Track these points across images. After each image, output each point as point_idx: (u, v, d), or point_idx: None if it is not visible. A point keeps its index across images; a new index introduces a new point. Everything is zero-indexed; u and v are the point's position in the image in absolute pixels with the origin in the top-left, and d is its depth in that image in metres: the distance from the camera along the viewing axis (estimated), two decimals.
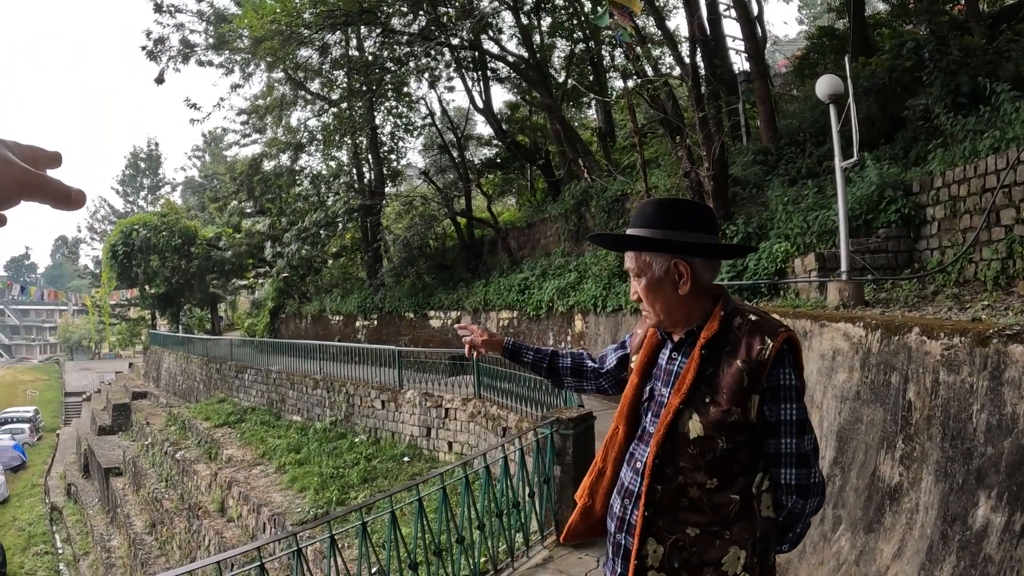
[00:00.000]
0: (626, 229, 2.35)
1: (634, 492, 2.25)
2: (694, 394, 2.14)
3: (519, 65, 21.00)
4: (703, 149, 11.93)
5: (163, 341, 38.82)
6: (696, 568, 2.12)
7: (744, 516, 2.15)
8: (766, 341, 2.10)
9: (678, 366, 2.25)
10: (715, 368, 2.14)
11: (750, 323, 2.17)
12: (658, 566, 2.13)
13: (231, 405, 23.17)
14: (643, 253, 2.25)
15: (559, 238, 18.88)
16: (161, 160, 78.03)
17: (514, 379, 11.80)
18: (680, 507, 2.15)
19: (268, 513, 13.12)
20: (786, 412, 2.14)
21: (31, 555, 26.59)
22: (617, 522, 2.30)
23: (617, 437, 2.42)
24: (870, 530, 4.46)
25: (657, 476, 2.16)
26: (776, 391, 2.12)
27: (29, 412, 53.56)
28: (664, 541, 2.14)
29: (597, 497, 2.47)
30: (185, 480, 18.96)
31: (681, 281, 2.22)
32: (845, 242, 7.72)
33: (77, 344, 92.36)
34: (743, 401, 2.10)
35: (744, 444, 2.16)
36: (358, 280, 29.76)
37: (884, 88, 11.50)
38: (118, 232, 38.69)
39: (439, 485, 5.00)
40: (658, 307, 2.25)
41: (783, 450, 2.17)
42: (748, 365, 2.09)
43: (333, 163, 29.50)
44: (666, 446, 2.16)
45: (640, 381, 2.39)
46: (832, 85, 7.87)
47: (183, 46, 26.20)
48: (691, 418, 2.13)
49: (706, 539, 2.12)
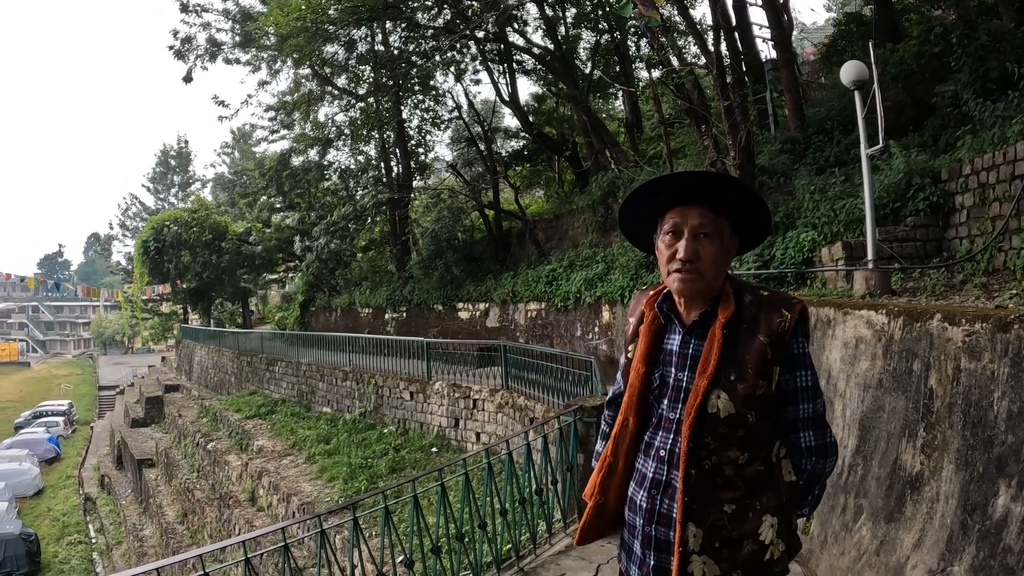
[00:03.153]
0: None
1: (661, 481, 2.24)
2: (719, 374, 2.15)
3: (544, 57, 20.96)
4: (729, 138, 11.87)
5: (195, 335, 39.29)
6: (736, 543, 2.15)
7: (771, 484, 2.21)
8: (784, 313, 2.17)
9: (694, 349, 2.24)
10: (735, 346, 2.17)
11: (762, 298, 2.23)
12: (699, 550, 2.14)
13: (262, 397, 23.47)
14: (722, 216, 2.25)
15: (587, 229, 18.86)
16: (191, 157, 79.06)
17: (542, 370, 11.82)
18: (716, 487, 2.16)
19: (298, 502, 13.26)
20: (802, 379, 2.22)
21: (65, 544, 27.09)
22: (645, 514, 2.28)
23: (628, 429, 2.39)
24: (891, 520, 4.43)
25: (691, 461, 2.16)
26: (793, 360, 2.20)
27: (63, 405, 54.52)
28: (703, 524, 2.15)
29: (610, 493, 2.44)
30: (216, 470, 19.21)
31: (731, 256, 2.32)
32: (872, 231, 7.65)
33: (110, 339, 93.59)
34: (768, 374, 2.16)
35: (767, 415, 2.21)
36: (387, 273, 29.88)
37: (912, 74, 11.38)
38: (150, 228, 39.25)
39: (462, 471, 5.05)
40: (714, 273, 2.23)
41: (801, 415, 2.25)
42: (770, 339, 2.15)
43: (361, 158, 29.68)
44: (697, 429, 2.16)
45: (647, 369, 2.35)
46: (857, 71, 7.79)
47: (210, 45, 26.42)
48: (719, 398, 2.14)
49: (742, 513, 2.16)
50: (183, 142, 79.19)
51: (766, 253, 10.46)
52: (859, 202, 9.21)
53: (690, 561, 2.14)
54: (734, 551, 2.15)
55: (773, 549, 2.18)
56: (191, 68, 26.33)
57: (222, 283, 39.22)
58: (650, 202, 2.36)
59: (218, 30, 26.53)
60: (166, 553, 19.45)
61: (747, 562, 2.16)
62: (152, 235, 38.27)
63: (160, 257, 37.95)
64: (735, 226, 2.30)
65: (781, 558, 2.21)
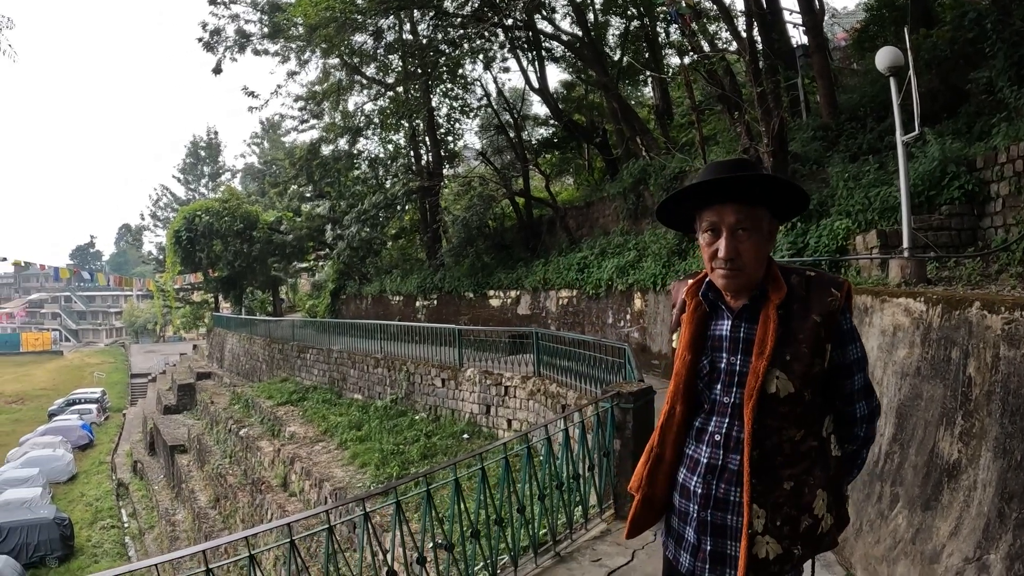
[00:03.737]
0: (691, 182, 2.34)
1: (717, 466, 2.27)
2: (777, 354, 2.18)
3: (573, 44, 20.92)
4: (762, 125, 11.81)
5: (226, 323, 39.69)
6: (795, 519, 2.20)
7: (822, 459, 2.29)
8: (834, 292, 2.24)
9: (746, 332, 2.28)
10: (789, 326, 2.21)
11: (809, 279, 2.28)
12: (762, 530, 2.17)
13: (293, 384, 23.67)
14: (759, 207, 2.26)
15: (617, 217, 18.85)
16: (221, 148, 79.52)
17: (574, 357, 11.80)
18: (777, 466, 2.21)
19: (330, 488, 13.37)
20: (852, 352, 2.29)
21: (98, 529, 27.45)
22: (700, 500, 2.29)
23: (675, 417, 2.40)
24: (927, 508, 4.41)
25: (755, 442, 2.19)
26: (843, 335, 2.27)
27: (96, 393, 55.26)
28: (765, 504, 2.18)
29: (658, 484, 2.45)
30: (248, 456, 19.40)
31: (772, 241, 2.34)
32: (907, 219, 7.60)
33: (142, 328, 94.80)
34: (822, 352, 2.21)
35: (820, 391, 2.27)
36: (417, 261, 30.03)
37: (945, 61, 11.25)
38: (181, 218, 39.57)
39: (502, 455, 5.11)
40: (756, 268, 2.26)
41: (855, 387, 2.33)
42: (823, 317, 2.21)
43: (390, 146, 29.77)
44: (758, 411, 2.19)
45: (693, 356, 2.37)
46: (892, 57, 7.74)
47: (239, 36, 26.72)
48: (778, 378, 2.18)
49: (799, 490, 2.21)
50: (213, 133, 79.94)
51: (800, 241, 10.43)
52: (893, 190, 9.15)
53: (755, 543, 2.17)
54: (794, 527, 2.19)
55: (824, 523, 2.25)
56: (220, 60, 26.71)
57: (253, 272, 39.50)
58: (682, 205, 2.38)
59: (247, 21, 26.85)
60: (198, 537, 19.69)
61: (805, 537, 2.22)
62: (184, 225, 38.59)
63: (192, 246, 38.26)
64: (773, 210, 2.31)
65: (831, 531, 2.30)
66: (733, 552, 2.24)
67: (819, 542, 2.27)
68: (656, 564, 5.07)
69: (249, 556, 3.82)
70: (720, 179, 2.23)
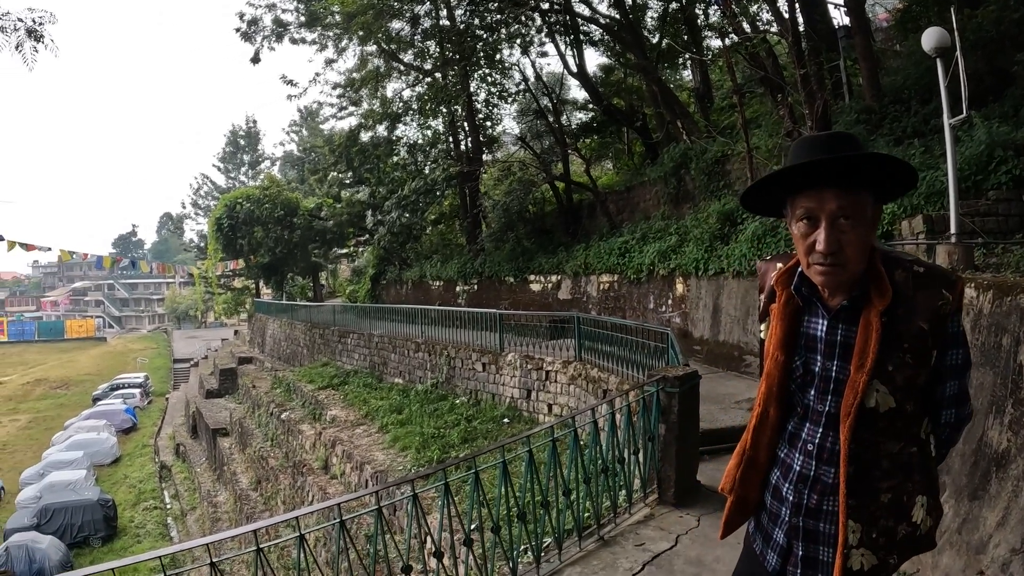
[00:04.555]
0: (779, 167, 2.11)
1: (809, 476, 2.18)
2: (878, 367, 2.01)
3: (612, 27, 20.78)
4: (805, 108, 11.70)
5: (267, 309, 40.14)
6: (892, 530, 2.10)
7: (922, 464, 2.15)
8: (945, 295, 2.01)
9: (844, 335, 2.10)
10: (893, 333, 2.01)
11: (918, 275, 2.05)
12: (857, 543, 2.07)
13: (334, 368, 23.89)
14: (863, 192, 2.02)
15: (658, 201, 18.76)
16: (260, 136, 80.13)
17: (615, 341, 11.72)
18: (874, 479, 2.08)
19: (371, 471, 13.48)
20: (952, 358, 2.10)
21: (141, 510, 28.25)
22: (792, 507, 2.21)
23: (768, 420, 2.28)
24: (974, 497, 4.35)
25: (852, 458, 2.06)
26: (947, 339, 2.07)
27: (139, 378, 56.44)
28: (861, 518, 2.07)
29: (751, 487, 2.36)
30: (290, 439, 19.66)
31: (875, 229, 2.10)
32: (954, 204, 7.52)
33: (184, 314, 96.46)
34: (927, 360, 2.04)
35: (921, 401, 2.14)
36: (457, 246, 30.12)
37: (991, 42, 11.05)
38: (222, 206, 40.07)
39: (548, 438, 5.15)
40: (859, 263, 2.03)
41: (947, 393, 2.15)
42: (931, 324, 2.01)
43: (429, 132, 29.77)
44: (856, 426, 2.04)
45: (786, 357, 2.21)
46: (938, 38, 7.63)
47: (276, 25, 27.00)
48: (878, 391, 2.02)
49: (897, 500, 2.10)
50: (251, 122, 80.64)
51: None
52: (940, 174, 9.03)
53: (850, 556, 2.07)
54: (890, 538, 2.10)
55: (923, 526, 2.15)
56: (258, 49, 27.06)
57: (294, 258, 39.88)
58: (770, 191, 2.17)
59: (283, 11, 27.11)
60: (240, 519, 20.04)
61: (902, 545, 2.13)
62: (225, 212, 39.07)
63: (233, 234, 38.74)
64: (877, 194, 2.08)
65: (929, 532, 2.18)
66: (826, 559, 2.16)
67: (916, 546, 2.17)
68: (699, 550, 5.12)
69: (299, 536, 3.90)
70: (818, 160, 1.98)
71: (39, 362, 69.72)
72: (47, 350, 77.18)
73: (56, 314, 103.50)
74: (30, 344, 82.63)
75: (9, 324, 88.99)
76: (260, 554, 3.68)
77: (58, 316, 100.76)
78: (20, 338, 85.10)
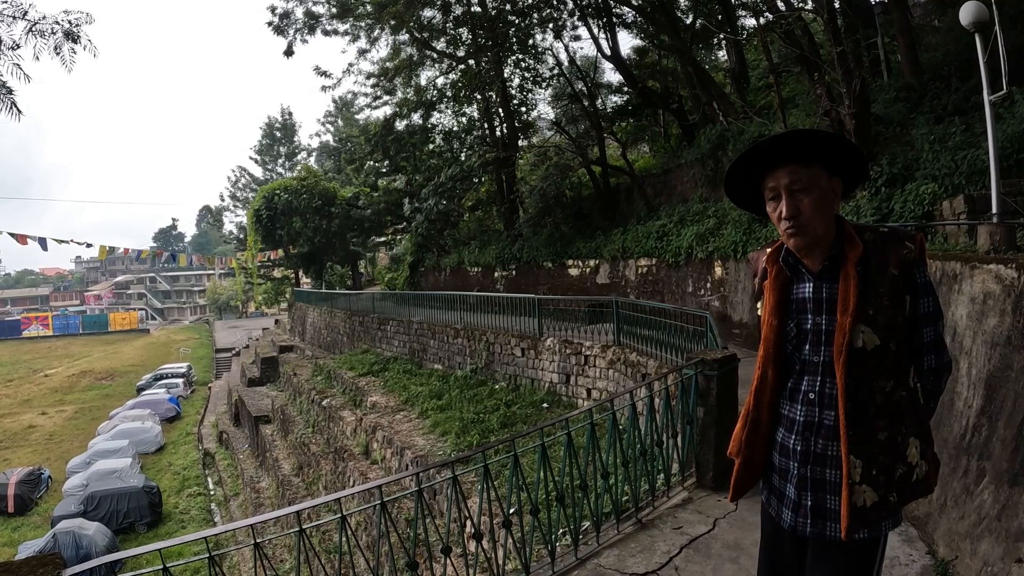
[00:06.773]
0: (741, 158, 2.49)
1: (813, 423, 2.41)
2: (860, 309, 2.29)
3: (644, 8, 20.55)
4: (843, 86, 11.50)
5: (307, 298, 40.40)
6: (890, 468, 2.32)
7: (912, 408, 2.39)
8: (908, 245, 2.34)
9: (828, 292, 2.38)
10: (869, 281, 2.31)
11: (882, 235, 2.38)
12: (859, 479, 2.30)
13: (374, 355, 24.03)
14: (813, 165, 2.36)
15: (696, 184, 18.60)
16: (295, 128, 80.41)
17: (654, 325, 11.66)
18: (870, 416, 2.32)
19: (411, 456, 13.55)
20: (925, 305, 2.38)
21: (185, 496, 28.72)
22: (800, 456, 2.44)
23: (767, 381, 2.55)
24: (1015, 483, 4.23)
25: (848, 396, 2.30)
26: (918, 288, 2.35)
27: (182, 368, 57.28)
28: (861, 454, 2.30)
29: (757, 447, 2.60)
30: (331, 426, 19.80)
31: (835, 199, 2.43)
32: (996, 183, 7.37)
33: (225, 304, 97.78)
34: (902, 303, 2.32)
35: (903, 341, 2.37)
36: (495, 232, 30.07)
37: None
38: (261, 198, 40.45)
39: (587, 422, 5.15)
40: (819, 224, 2.36)
41: (925, 339, 2.41)
42: (900, 270, 2.31)
43: (464, 119, 29.76)
44: (848, 366, 2.30)
45: (779, 320, 2.49)
46: (976, 12, 7.47)
47: (307, 18, 27.02)
48: (863, 332, 2.29)
49: (892, 439, 2.33)
50: (287, 114, 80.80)
51: (884, 207, 10.17)
52: (981, 152, 8.86)
53: (854, 491, 2.29)
54: (889, 476, 2.32)
55: (919, 470, 2.37)
56: (291, 42, 27.08)
57: (332, 247, 40.21)
58: (745, 178, 2.53)
59: (315, 3, 27.08)
60: (282, 503, 20.26)
61: (900, 484, 2.34)
62: (264, 204, 39.46)
63: (272, 224, 39.13)
64: (832, 168, 2.40)
65: (927, 477, 2.40)
66: (833, 506, 2.37)
67: (914, 489, 2.38)
68: (737, 534, 5.09)
69: (341, 517, 3.98)
70: (757, 146, 2.41)
71: (84, 354, 71.10)
72: (92, 343, 78.71)
73: (100, 308, 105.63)
74: (75, 337, 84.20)
75: (54, 318, 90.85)
76: (303, 535, 3.75)
77: (102, 310, 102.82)
78: (65, 331, 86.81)
